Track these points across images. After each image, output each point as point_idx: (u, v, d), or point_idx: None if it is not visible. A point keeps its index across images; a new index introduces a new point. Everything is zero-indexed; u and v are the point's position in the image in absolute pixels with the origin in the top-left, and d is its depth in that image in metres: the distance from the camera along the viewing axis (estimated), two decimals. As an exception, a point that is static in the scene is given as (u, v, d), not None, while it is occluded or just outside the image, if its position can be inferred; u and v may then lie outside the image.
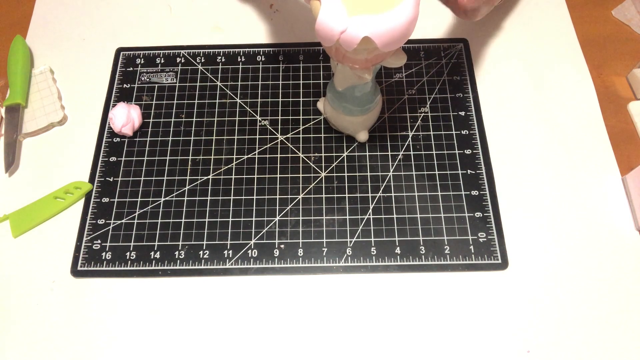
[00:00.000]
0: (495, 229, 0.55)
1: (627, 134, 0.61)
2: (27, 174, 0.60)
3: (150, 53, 0.68)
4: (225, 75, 0.66)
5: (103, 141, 0.62)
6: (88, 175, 0.60)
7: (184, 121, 0.63)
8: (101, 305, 0.53)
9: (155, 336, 0.51)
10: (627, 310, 0.51)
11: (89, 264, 0.55)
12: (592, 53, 0.66)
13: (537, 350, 0.50)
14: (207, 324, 0.52)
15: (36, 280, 0.54)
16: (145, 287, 0.54)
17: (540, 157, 0.59)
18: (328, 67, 0.66)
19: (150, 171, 0.60)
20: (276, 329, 0.51)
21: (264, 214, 0.57)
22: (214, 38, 0.69)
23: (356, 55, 0.44)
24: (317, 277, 0.54)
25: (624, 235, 0.55)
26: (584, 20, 0.69)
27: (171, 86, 0.65)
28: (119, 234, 0.56)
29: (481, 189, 0.58)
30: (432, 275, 0.53)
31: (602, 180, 0.58)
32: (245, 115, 0.63)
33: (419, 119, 0.62)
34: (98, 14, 0.72)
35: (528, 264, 0.54)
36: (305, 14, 0.70)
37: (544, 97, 0.63)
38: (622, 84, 0.65)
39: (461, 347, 0.50)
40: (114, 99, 0.64)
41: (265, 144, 0.61)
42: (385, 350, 0.50)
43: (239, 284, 0.54)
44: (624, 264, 0.54)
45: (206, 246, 0.55)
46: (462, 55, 0.66)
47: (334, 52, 0.45)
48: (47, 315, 0.52)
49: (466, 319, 0.51)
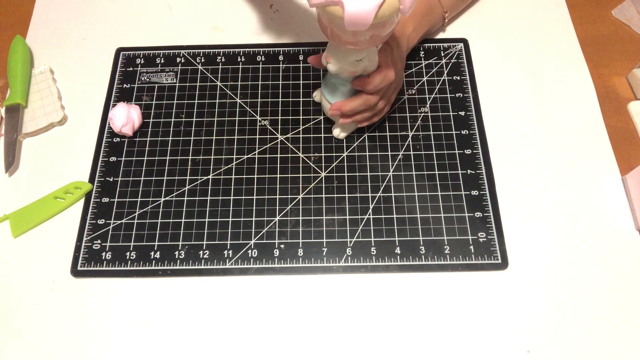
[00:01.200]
0: (495, 229, 0.55)
1: (627, 134, 0.61)
2: (27, 174, 0.60)
3: (150, 53, 0.68)
4: (225, 75, 0.66)
5: (103, 141, 0.62)
6: (88, 175, 0.60)
7: (184, 121, 0.63)
8: (101, 305, 0.53)
9: (155, 336, 0.51)
10: (627, 310, 0.51)
11: (89, 264, 0.55)
12: (592, 53, 0.66)
13: (537, 350, 0.50)
14: (207, 324, 0.52)
15: (36, 280, 0.54)
16: (145, 287, 0.54)
17: (540, 157, 0.59)
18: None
19: (150, 171, 0.60)
20: (276, 329, 0.51)
21: (264, 214, 0.57)
22: (214, 38, 0.69)
23: (362, 36, 0.45)
24: (317, 277, 0.54)
25: (624, 235, 0.55)
26: (584, 20, 0.69)
27: (171, 86, 0.65)
28: (119, 234, 0.56)
29: (481, 189, 0.58)
30: (432, 275, 0.53)
31: (602, 180, 0.58)
32: (245, 115, 0.63)
33: (419, 119, 0.62)
34: (98, 14, 0.72)
35: (528, 264, 0.54)
36: (305, 14, 0.70)
37: (544, 97, 0.63)
38: (622, 84, 0.65)
39: (461, 347, 0.50)
40: (114, 99, 0.64)
41: (265, 144, 0.61)
42: (386, 350, 0.50)
43: (239, 284, 0.54)
44: (624, 264, 0.53)
45: (206, 246, 0.55)
46: (462, 55, 0.66)
47: (343, 36, 0.46)
48: (47, 315, 0.52)
49: (466, 319, 0.51)
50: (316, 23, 0.69)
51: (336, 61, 0.50)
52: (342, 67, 0.50)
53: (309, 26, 0.69)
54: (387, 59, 0.54)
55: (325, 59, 0.51)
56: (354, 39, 0.45)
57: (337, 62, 0.50)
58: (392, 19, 0.44)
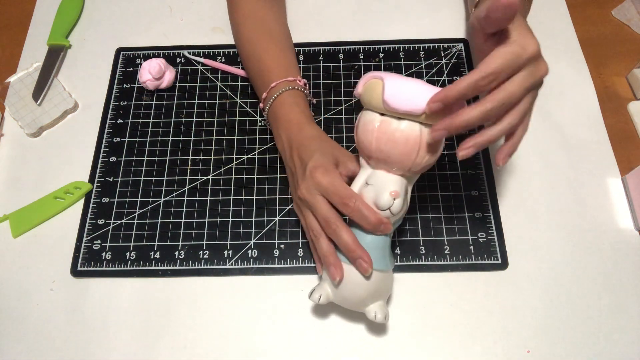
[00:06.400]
0: (495, 229, 0.55)
1: (627, 134, 0.61)
2: (27, 174, 0.60)
3: (150, 53, 0.68)
4: (225, 75, 0.66)
5: (103, 141, 0.62)
6: (88, 175, 0.60)
7: (184, 121, 0.63)
8: (101, 305, 0.53)
9: (155, 336, 0.51)
10: (626, 310, 0.51)
11: (89, 264, 0.55)
12: (592, 53, 0.66)
13: (537, 350, 0.50)
14: (207, 324, 0.52)
15: (36, 280, 0.54)
16: (145, 287, 0.54)
17: (540, 157, 0.59)
18: (327, 67, 0.66)
19: (150, 171, 0.60)
20: (276, 329, 0.51)
21: (264, 214, 0.57)
22: (214, 38, 0.69)
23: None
24: (316, 277, 0.54)
25: (624, 235, 0.55)
26: (584, 20, 0.69)
27: (171, 86, 0.65)
28: (119, 234, 0.56)
29: (481, 189, 0.57)
30: (432, 275, 0.53)
31: (602, 180, 0.58)
32: (245, 115, 0.63)
33: (419, 119, 0.62)
34: (98, 14, 0.72)
35: (528, 264, 0.54)
36: (305, 15, 0.70)
37: (544, 97, 0.63)
38: (622, 84, 0.65)
39: (461, 347, 0.50)
40: (114, 99, 0.64)
41: (265, 144, 0.61)
42: (386, 350, 0.50)
43: (239, 284, 0.53)
44: (624, 264, 0.53)
45: (206, 246, 0.55)
46: (462, 55, 0.66)
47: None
48: (47, 315, 0.52)
49: (466, 319, 0.51)
50: (314, 23, 0.69)
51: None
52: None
53: (309, 26, 0.69)
54: (522, 25, 0.39)
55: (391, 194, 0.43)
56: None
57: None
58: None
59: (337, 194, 0.44)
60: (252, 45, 0.58)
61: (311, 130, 0.50)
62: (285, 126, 0.51)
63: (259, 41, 0.58)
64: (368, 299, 0.45)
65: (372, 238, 0.44)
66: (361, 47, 0.67)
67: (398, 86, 0.40)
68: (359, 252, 0.43)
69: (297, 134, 0.50)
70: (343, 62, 0.66)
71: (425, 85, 0.41)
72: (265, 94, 0.54)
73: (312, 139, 0.49)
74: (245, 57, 0.60)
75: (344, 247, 0.44)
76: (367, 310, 0.46)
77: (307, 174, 0.46)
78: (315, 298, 0.45)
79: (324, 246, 0.45)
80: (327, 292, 0.46)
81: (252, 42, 0.58)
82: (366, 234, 0.44)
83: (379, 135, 0.42)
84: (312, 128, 0.51)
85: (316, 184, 0.45)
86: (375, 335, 0.51)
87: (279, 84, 0.53)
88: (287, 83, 0.54)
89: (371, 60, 0.66)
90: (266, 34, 0.59)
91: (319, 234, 0.46)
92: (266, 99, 0.54)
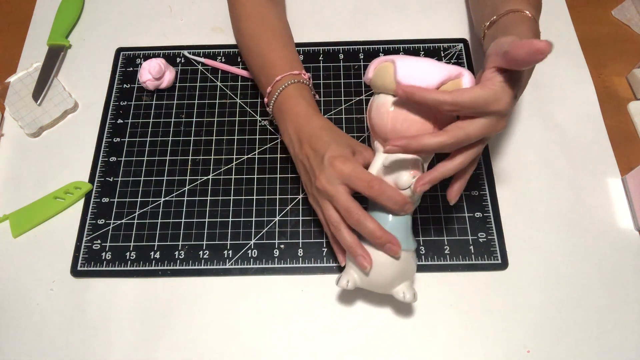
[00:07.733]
0: (495, 229, 0.55)
1: (627, 134, 0.61)
2: (27, 174, 0.60)
3: (150, 53, 0.68)
4: (225, 75, 0.66)
5: (103, 141, 0.62)
6: (88, 175, 0.60)
7: (184, 121, 0.63)
8: (101, 305, 0.53)
9: (155, 336, 0.51)
10: (626, 310, 0.51)
11: (89, 264, 0.55)
12: (592, 53, 0.66)
13: (537, 350, 0.50)
14: (207, 324, 0.52)
15: (36, 280, 0.54)
16: (145, 287, 0.54)
17: (540, 157, 0.59)
18: (327, 67, 0.66)
19: (150, 171, 0.60)
20: (276, 329, 0.51)
21: (264, 214, 0.57)
22: (214, 38, 0.69)
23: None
24: (317, 277, 0.54)
25: (624, 235, 0.55)
26: (584, 20, 0.69)
27: (171, 86, 0.65)
28: (119, 234, 0.56)
29: (481, 189, 0.57)
30: (432, 275, 0.53)
31: (602, 180, 0.58)
32: (245, 115, 0.63)
33: (419, 119, 0.62)
34: (98, 14, 0.72)
35: (528, 264, 0.54)
36: (305, 15, 0.70)
37: (544, 97, 0.63)
38: (622, 84, 0.65)
39: (461, 347, 0.50)
40: (114, 99, 0.64)
41: (265, 144, 0.61)
42: (386, 350, 0.50)
43: (239, 284, 0.53)
44: (624, 264, 0.53)
45: (206, 246, 0.55)
46: (462, 55, 0.66)
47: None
48: (47, 315, 0.52)
49: (466, 319, 0.51)
50: (314, 23, 0.69)
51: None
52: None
53: (309, 26, 0.69)
54: (515, 79, 0.41)
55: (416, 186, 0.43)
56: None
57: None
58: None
59: (361, 179, 0.44)
60: (255, 41, 0.58)
61: (320, 121, 0.50)
62: (293, 119, 0.51)
63: (261, 36, 0.58)
64: (396, 280, 0.45)
65: (395, 220, 0.45)
66: (361, 47, 0.67)
67: (409, 66, 0.42)
68: (386, 237, 0.43)
69: (306, 126, 0.50)
70: (343, 62, 0.66)
71: (435, 63, 0.43)
72: (269, 88, 0.54)
73: (322, 129, 0.49)
74: (247, 53, 0.60)
75: (370, 235, 0.44)
76: (395, 291, 0.46)
77: (326, 164, 0.45)
78: (342, 284, 0.46)
79: (347, 237, 0.45)
80: (353, 277, 0.46)
81: (254, 38, 0.58)
82: (387, 217, 0.45)
83: (394, 115, 0.43)
84: (321, 119, 0.51)
85: (338, 173, 0.45)
86: (376, 335, 0.51)
87: (284, 77, 0.53)
88: (292, 77, 0.53)
89: (371, 60, 0.66)
90: (268, 29, 0.59)
91: (338, 224, 0.46)
92: (271, 94, 0.54)
